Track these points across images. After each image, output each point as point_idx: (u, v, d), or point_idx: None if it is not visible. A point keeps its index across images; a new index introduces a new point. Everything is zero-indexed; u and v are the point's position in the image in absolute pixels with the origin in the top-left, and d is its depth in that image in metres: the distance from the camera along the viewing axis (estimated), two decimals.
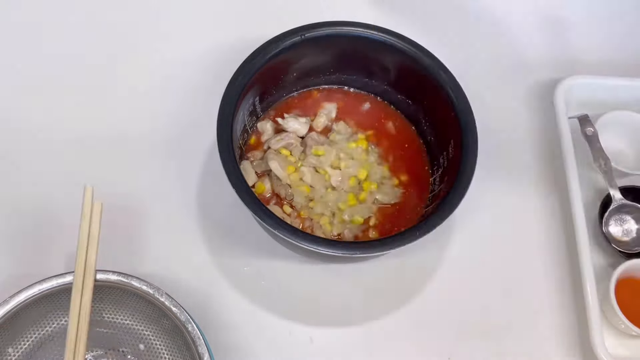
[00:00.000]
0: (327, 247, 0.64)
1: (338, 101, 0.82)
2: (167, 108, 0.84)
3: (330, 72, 0.81)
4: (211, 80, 0.85)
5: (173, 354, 0.66)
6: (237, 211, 0.76)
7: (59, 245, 0.73)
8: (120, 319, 0.67)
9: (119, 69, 0.86)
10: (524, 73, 0.91)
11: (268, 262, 0.75)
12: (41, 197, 0.77)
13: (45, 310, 0.65)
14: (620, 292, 0.72)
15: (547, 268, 0.78)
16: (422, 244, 0.65)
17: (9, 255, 0.73)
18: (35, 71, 0.85)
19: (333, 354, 0.72)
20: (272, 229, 0.64)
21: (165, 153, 0.81)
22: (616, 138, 0.85)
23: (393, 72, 0.79)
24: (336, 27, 0.75)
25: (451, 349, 0.72)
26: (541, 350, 0.73)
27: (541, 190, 0.82)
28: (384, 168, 0.78)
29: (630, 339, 0.74)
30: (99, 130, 0.81)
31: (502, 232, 0.79)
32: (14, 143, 0.80)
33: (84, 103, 0.83)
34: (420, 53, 0.74)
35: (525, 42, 0.92)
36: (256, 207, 0.64)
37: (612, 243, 0.78)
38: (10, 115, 0.82)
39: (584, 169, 0.84)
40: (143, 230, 0.76)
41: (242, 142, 0.77)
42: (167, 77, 0.86)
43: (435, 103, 0.73)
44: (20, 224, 0.75)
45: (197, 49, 0.89)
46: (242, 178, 0.66)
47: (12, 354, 0.64)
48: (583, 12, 0.97)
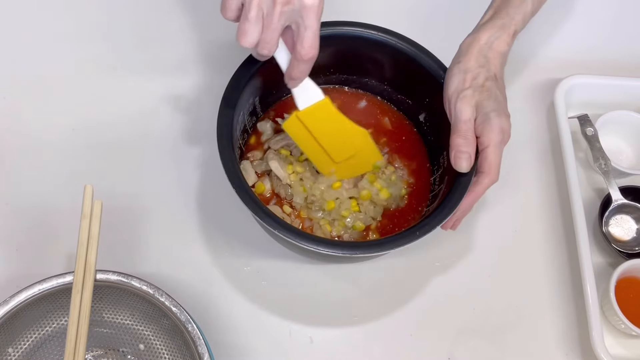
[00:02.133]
0: (327, 247, 0.64)
1: (337, 101, 0.82)
2: (167, 108, 0.84)
3: (330, 72, 0.81)
4: (211, 79, 0.85)
5: (173, 354, 0.66)
6: (237, 211, 0.76)
7: (59, 245, 0.74)
8: (120, 319, 0.67)
9: (118, 68, 0.86)
10: (524, 73, 0.91)
11: (268, 262, 0.75)
12: (41, 197, 0.77)
13: (45, 310, 0.65)
14: (620, 292, 0.72)
15: (547, 268, 0.78)
16: (422, 244, 0.65)
17: (9, 255, 0.73)
18: (35, 71, 0.85)
19: (333, 354, 0.72)
20: (272, 229, 0.64)
21: (165, 153, 0.81)
22: (616, 138, 0.85)
23: (393, 72, 0.79)
24: (336, 27, 0.75)
25: (451, 349, 0.72)
26: (541, 350, 0.73)
27: (541, 190, 0.82)
28: (392, 175, 0.77)
29: (630, 339, 0.74)
30: (99, 130, 0.81)
31: (502, 232, 0.79)
32: (14, 143, 0.80)
33: (84, 103, 0.83)
34: (420, 53, 0.75)
35: (525, 42, 0.92)
36: (256, 207, 0.64)
37: (612, 243, 0.78)
38: (10, 115, 0.82)
39: (584, 169, 0.84)
40: (143, 230, 0.76)
41: (242, 142, 0.77)
42: (167, 76, 0.86)
43: (435, 103, 0.73)
44: (20, 224, 0.75)
45: (198, 48, 0.89)
46: (242, 178, 0.66)
47: (12, 354, 0.64)
48: (583, 12, 0.97)
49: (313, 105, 0.67)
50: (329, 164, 0.72)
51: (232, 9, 0.58)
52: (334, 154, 0.71)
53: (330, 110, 0.68)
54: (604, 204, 0.79)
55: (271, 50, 0.60)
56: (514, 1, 0.71)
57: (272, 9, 0.57)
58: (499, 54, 0.70)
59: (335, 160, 0.72)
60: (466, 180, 0.68)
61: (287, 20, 0.58)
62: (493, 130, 0.66)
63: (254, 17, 0.57)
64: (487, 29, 0.70)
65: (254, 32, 0.58)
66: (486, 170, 0.66)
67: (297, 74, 0.63)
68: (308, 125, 0.68)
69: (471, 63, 0.68)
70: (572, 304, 0.76)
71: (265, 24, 0.58)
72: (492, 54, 0.69)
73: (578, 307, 0.75)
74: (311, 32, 0.59)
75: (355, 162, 0.73)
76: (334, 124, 0.69)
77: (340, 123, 0.69)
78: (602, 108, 0.84)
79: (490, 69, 0.68)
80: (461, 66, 0.69)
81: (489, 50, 0.69)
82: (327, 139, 0.70)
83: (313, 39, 0.60)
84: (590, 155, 0.81)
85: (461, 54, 0.70)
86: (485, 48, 0.69)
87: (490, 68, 0.69)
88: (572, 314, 0.75)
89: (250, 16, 0.57)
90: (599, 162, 0.80)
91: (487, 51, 0.69)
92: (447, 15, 0.93)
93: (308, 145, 0.70)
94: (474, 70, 0.68)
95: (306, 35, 0.59)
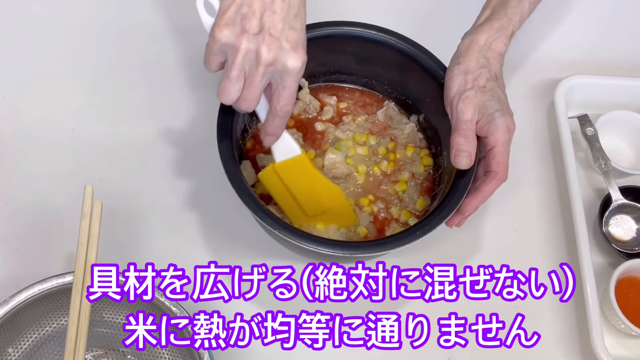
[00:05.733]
0: (327, 247, 0.64)
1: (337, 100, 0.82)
2: (167, 107, 0.84)
3: (330, 72, 0.81)
4: (212, 79, 0.85)
5: (173, 354, 0.66)
6: (237, 211, 0.76)
7: (59, 245, 0.73)
8: (120, 319, 0.67)
9: (118, 68, 0.86)
10: (524, 73, 0.91)
11: (268, 262, 0.75)
12: (41, 197, 0.77)
13: (45, 310, 0.65)
14: (620, 292, 0.72)
15: (547, 268, 0.77)
16: (422, 244, 0.65)
17: (9, 255, 0.73)
18: (35, 71, 0.85)
19: (333, 354, 0.71)
20: (272, 229, 0.64)
21: (165, 153, 0.81)
22: (616, 138, 0.85)
23: (393, 71, 0.79)
24: (336, 27, 0.75)
25: (451, 349, 0.72)
26: (541, 350, 0.73)
27: (541, 190, 0.82)
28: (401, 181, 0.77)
29: (630, 339, 0.74)
30: (99, 130, 0.81)
31: (502, 232, 0.79)
32: (14, 143, 0.80)
33: (84, 103, 0.83)
34: (420, 53, 0.75)
35: (525, 42, 0.92)
36: (256, 207, 0.64)
37: (612, 243, 0.78)
38: (10, 115, 0.82)
39: (584, 169, 0.84)
40: (143, 230, 0.76)
41: (242, 142, 0.77)
42: (167, 76, 0.86)
43: (435, 103, 0.73)
44: (20, 224, 0.75)
45: (198, 48, 0.88)
46: (242, 178, 0.66)
47: (12, 354, 0.64)
48: (583, 12, 0.97)
49: (289, 159, 0.67)
50: (302, 216, 0.72)
51: (214, 65, 0.59)
52: (307, 208, 0.71)
53: (306, 165, 0.68)
54: (604, 204, 0.79)
55: (250, 106, 0.61)
56: (511, 1, 0.71)
57: (255, 69, 0.57)
58: (498, 55, 0.70)
59: (308, 214, 0.72)
60: (466, 180, 0.68)
61: (268, 79, 0.59)
62: (499, 130, 0.66)
63: (234, 77, 0.58)
64: (485, 29, 0.70)
65: (234, 91, 0.59)
66: (494, 169, 0.67)
67: (273, 129, 0.63)
68: (283, 177, 0.68)
69: (472, 64, 0.68)
70: (572, 304, 0.76)
71: (247, 82, 0.58)
72: (491, 54, 0.69)
73: (578, 307, 0.75)
74: (288, 92, 0.60)
75: (327, 217, 0.72)
76: (309, 179, 0.69)
77: (315, 178, 0.70)
78: (602, 108, 0.84)
79: (491, 69, 0.68)
80: (462, 67, 0.69)
81: (488, 51, 0.69)
82: (301, 192, 0.70)
83: (289, 97, 0.60)
84: (590, 155, 0.81)
85: (460, 55, 0.70)
86: (485, 49, 0.69)
87: (491, 69, 0.69)
88: (572, 314, 0.75)
89: (232, 75, 0.57)
90: (599, 162, 0.80)
91: (486, 52, 0.69)
92: (447, 15, 0.93)
93: (282, 196, 0.70)
94: (474, 71, 0.68)
95: (283, 94, 0.60)
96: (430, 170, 0.78)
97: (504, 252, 0.78)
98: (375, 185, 0.76)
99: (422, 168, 0.77)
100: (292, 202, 0.70)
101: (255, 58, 0.57)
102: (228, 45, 0.57)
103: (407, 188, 0.76)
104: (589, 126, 0.82)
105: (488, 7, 0.73)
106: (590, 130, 0.81)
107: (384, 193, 0.76)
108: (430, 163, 0.78)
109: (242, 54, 0.56)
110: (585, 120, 0.82)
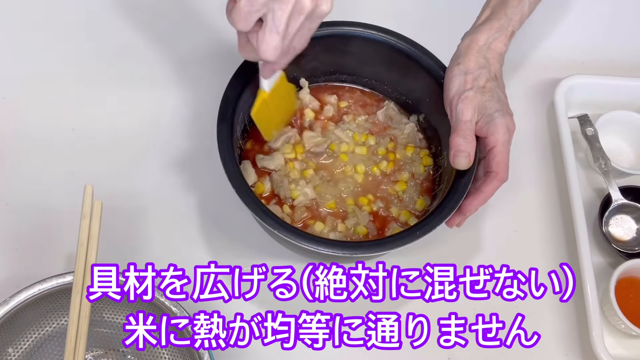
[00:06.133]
0: (327, 247, 0.64)
1: (338, 99, 0.82)
2: (167, 108, 0.84)
3: (330, 71, 0.81)
4: (212, 79, 0.85)
5: (173, 354, 0.66)
6: (237, 211, 0.76)
7: (59, 245, 0.73)
8: (120, 319, 0.67)
9: (118, 68, 0.86)
10: (524, 73, 0.91)
11: (268, 262, 0.75)
12: (41, 197, 0.77)
13: (45, 310, 0.65)
14: (620, 292, 0.72)
15: (547, 268, 0.77)
16: (422, 243, 0.65)
17: (9, 255, 0.73)
18: (35, 71, 0.85)
19: (334, 354, 0.71)
20: (272, 229, 0.64)
21: (166, 153, 0.81)
22: (616, 138, 0.85)
23: (393, 71, 0.79)
24: (335, 27, 0.75)
25: (451, 349, 0.72)
26: (541, 350, 0.73)
27: (541, 190, 0.82)
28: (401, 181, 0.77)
29: (630, 339, 0.74)
30: (99, 130, 0.81)
31: (502, 232, 0.79)
32: (14, 143, 0.80)
33: (84, 102, 0.83)
34: (420, 53, 0.75)
35: (526, 42, 0.92)
36: (256, 207, 0.64)
37: (612, 243, 0.78)
38: (10, 115, 0.82)
39: (584, 169, 0.84)
40: (143, 230, 0.76)
41: (242, 142, 0.77)
42: (167, 76, 0.86)
43: (435, 103, 0.73)
44: (20, 224, 0.75)
45: (198, 48, 0.89)
46: (242, 178, 0.66)
47: (12, 354, 0.64)
48: (583, 12, 0.97)
49: (275, 85, 0.69)
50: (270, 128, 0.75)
51: (251, 23, 0.57)
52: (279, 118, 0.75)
53: (283, 80, 0.70)
54: (604, 204, 0.79)
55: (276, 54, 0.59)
56: (511, 1, 0.71)
57: (296, 20, 0.57)
58: (498, 55, 0.70)
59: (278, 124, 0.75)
60: (466, 180, 0.68)
61: None
62: (499, 130, 0.66)
63: (283, 29, 0.57)
64: (485, 30, 0.70)
65: (281, 44, 0.58)
66: (495, 169, 0.67)
67: (282, 64, 0.64)
68: (270, 103, 0.70)
69: (471, 64, 0.68)
70: (572, 304, 0.76)
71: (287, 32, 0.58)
72: (491, 54, 0.69)
73: (578, 307, 0.75)
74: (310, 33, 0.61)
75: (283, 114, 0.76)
76: (281, 88, 0.71)
77: (283, 84, 0.71)
78: (602, 108, 0.84)
79: (490, 69, 0.68)
80: (461, 67, 0.69)
81: (487, 51, 0.69)
82: (278, 105, 0.72)
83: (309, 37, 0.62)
84: (590, 155, 0.81)
85: (460, 55, 0.70)
86: (484, 49, 0.69)
87: (491, 69, 0.69)
88: (572, 314, 0.75)
89: (281, 29, 0.56)
90: (599, 162, 0.80)
91: (486, 52, 0.69)
92: (446, 15, 0.93)
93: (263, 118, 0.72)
94: (474, 71, 0.68)
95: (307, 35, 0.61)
96: (430, 170, 0.78)
97: (504, 252, 0.78)
98: (375, 185, 0.76)
99: (422, 168, 0.77)
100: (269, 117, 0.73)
101: (300, 9, 0.56)
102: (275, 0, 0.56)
103: (407, 188, 0.76)
104: (589, 126, 0.82)
105: (488, 7, 0.73)
106: (590, 130, 0.81)
107: (383, 193, 0.76)
108: (430, 163, 0.78)
109: (291, 5, 0.56)
110: (585, 120, 0.82)
